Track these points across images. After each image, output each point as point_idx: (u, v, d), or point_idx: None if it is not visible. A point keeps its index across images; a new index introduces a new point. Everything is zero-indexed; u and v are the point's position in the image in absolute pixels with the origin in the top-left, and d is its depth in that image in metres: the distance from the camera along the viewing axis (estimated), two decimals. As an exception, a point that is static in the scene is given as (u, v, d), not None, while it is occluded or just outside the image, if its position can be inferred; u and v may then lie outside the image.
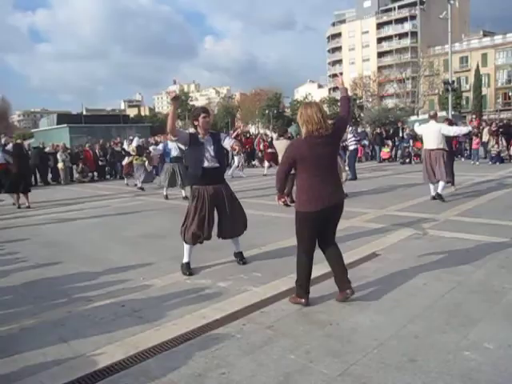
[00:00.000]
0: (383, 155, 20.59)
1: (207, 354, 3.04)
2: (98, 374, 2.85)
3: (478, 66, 59.29)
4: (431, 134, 8.82)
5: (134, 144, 14.35)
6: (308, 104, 3.82)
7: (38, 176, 17.80)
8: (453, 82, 32.09)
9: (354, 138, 13.83)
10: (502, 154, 16.71)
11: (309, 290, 3.82)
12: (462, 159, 18.51)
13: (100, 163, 18.87)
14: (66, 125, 32.78)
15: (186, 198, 10.62)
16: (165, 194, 11.44)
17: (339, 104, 4.17)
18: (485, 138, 17.46)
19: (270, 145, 16.39)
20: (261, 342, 3.16)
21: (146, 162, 14.08)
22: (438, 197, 8.59)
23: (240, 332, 3.35)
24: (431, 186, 8.94)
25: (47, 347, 3.25)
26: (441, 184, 8.66)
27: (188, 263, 4.92)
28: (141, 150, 14.29)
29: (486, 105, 60.11)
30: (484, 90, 59.58)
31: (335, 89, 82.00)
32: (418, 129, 9.56)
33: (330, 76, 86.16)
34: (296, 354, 2.96)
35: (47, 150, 18.71)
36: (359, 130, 21.03)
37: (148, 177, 14.11)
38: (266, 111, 71.78)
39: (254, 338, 3.23)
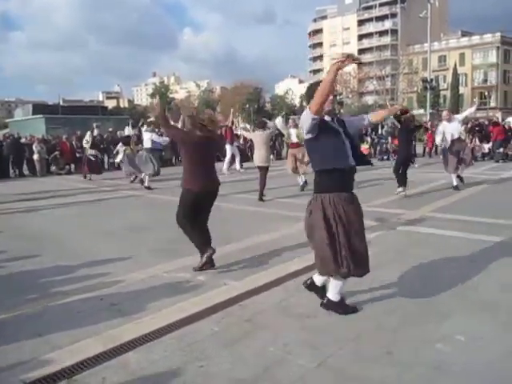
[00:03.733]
0: (362, 151, 20.81)
1: (186, 347, 3.06)
2: (76, 367, 2.84)
3: (455, 66, 60.32)
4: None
5: (126, 133, 14.13)
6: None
7: (12, 167, 17.41)
8: (431, 80, 32.68)
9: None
10: (476, 153, 17.07)
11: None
12: (441, 157, 18.81)
13: (77, 155, 18.55)
14: (41, 115, 32.14)
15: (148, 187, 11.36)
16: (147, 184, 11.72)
17: None
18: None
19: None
20: (239, 335, 3.20)
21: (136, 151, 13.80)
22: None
23: (218, 325, 3.38)
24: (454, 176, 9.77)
25: (24, 341, 3.21)
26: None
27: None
28: (128, 140, 14.10)
29: (462, 104, 61.20)
30: (461, 89, 60.70)
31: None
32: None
33: (310, 71, 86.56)
34: (274, 347, 3.01)
35: (23, 140, 18.31)
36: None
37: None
38: (247, 105, 71.66)
39: (233, 331, 3.26)
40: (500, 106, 59.58)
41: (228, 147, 15.41)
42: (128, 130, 14.22)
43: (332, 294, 3.49)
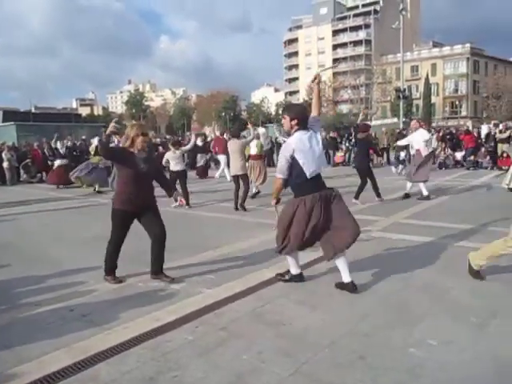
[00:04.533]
0: (337, 159, 21.04)
1: (159, 356, 3.00)
2: (44, 380, 2.75)
3: (427, 75, 61.89)
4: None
5: (95, 143, 13.95)
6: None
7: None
8: (404, 89, 33.37)
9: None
10: (446, 161, 17.46)
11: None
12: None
13: (49, 163, 18.17)
14: (12, 122, 31.37)
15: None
16: None
17: None
18: (434, 144, 18.24)
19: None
20: (214, 344, 3.16)
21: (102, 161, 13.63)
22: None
23: (193, 334, 3.33)
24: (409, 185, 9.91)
25: (-11, 354, 3.10)
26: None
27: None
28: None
29: (434, 112, 62.78)
30: (433, 99, 62.28)
31: (292, 93, 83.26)
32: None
33: (286, 80, 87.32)
34: (248, 355, 2.98)
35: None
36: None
37: (100, 176, 13.62)
38: (223, 113, 71.73)
39: (207, 340, 3.23)
40: (470, 115, 61.33)
41: (221, 157, 15.55)
42: (97, 140, 14.11)
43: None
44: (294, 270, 4.39)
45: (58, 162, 15.30)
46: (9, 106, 73.92)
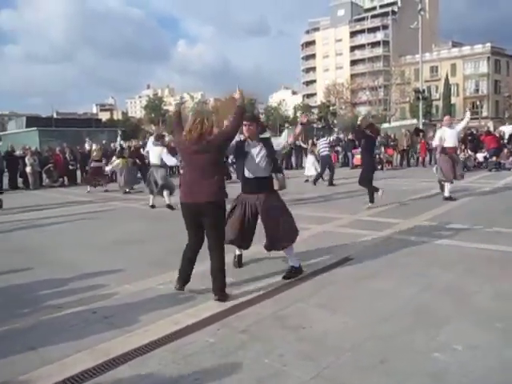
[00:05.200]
0: (356, 161, 20.87)
1: (180, 359, 3.01)
2: (68, 382, 2.78)
3: (447, 76, 61.00)
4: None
5: (117, 145, 14.27)
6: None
7: (5, 180, 17.32)
8: (423, 90, 33.03)
9: (325, 145, 14.23)
10: (467, 162, 17.16)
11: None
12: (434, 168, 18.95)
13: (70, 167, 18.49)
14: (35, 128, 32.05)
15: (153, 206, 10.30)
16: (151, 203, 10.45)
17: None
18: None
19: None
20: (234, 347, 3.16)
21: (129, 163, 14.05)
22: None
23: (214, 337, 3.33)
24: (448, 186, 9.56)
25: (15, 355, 3.16)
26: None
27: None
28: (122, 152, 14.27)
29: (455, 113, 61.77)
30: (453, 99, 61.32)
31: (309, 95, 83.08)
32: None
33: (303, 83, 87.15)
34: (270, 358, 2.97)
35: (17, 153, 18.24)
36: (333, 137, 21.25)
37: (132, 178, 14.18)
38: (241, 117, 71.80)
39: (228, 343, 3.22)
40: (491, 116, 60.19)
41: None
42: (118, 141, 14.36)
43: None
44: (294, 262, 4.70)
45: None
46: (31, 112, 75.55)
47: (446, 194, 9.50)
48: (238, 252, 5.15)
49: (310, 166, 14.74)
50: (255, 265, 5.19)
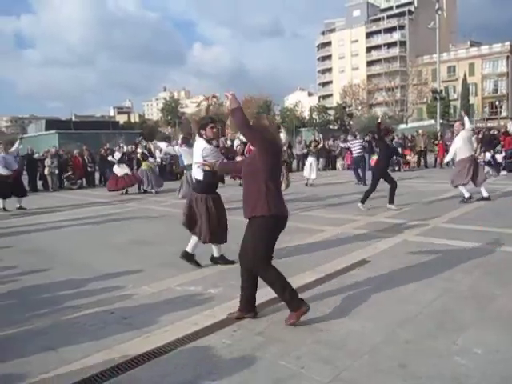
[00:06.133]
0: (372, 162, 20.68)
1: (198, 360, 3.02)
2: (86, 382, 2.81)
3: (465, 76, 60.20)
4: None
5: (139, 150, 14.53)
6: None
7: (24, 182, 17.61)
8: (441, 91, 32.64)
9: (358, 145, 14.28)
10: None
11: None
12: (453, 167, 18.69)
13: (89, 170, 18.74)
14: (54, 131, 32.57)
15: None
16: None
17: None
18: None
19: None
20: (251, 349, 3.15)
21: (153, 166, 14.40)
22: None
23: (231, 338, 3.33)
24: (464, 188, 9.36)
25: (34, 355, 3.20)
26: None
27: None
28: (145, 156, 14.56)
29: (473, 113, 60.91)
30: (471, 99, 60.44)
31: (325, 97, 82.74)
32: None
33: (319, 84, 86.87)
34: (287, 360, 2.96)
35: (36, 156, 18.55)
36: (366, 137, 20.54)
37: (158, 181, 14.59)
38: (256, 118, 71.83)
39: (245, 345, 3.22)
40: (511, 116, 59.14)
41: None
42: (141, 146, 14.64)
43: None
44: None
45: (118, 170, 14.78)
46: (50, 115, 76.81)
47: (466, 194, 9.33)
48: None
49: (308, 167, 14.45)
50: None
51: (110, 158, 15.74)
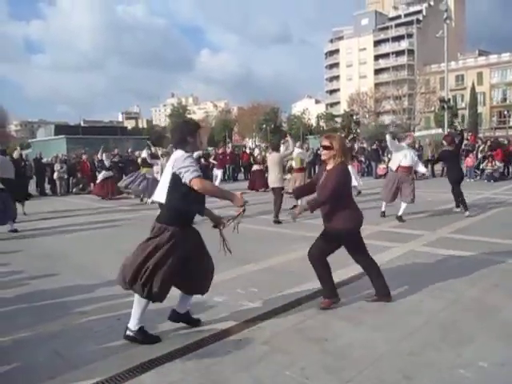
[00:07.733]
0: (379, 171, 20.65)
1: (203, 369, 3.04)
2: (93, 387, 2.84)
3: (473, 85, 60.04)
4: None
5: (143, 155, 14.50)
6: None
7: (32, 186, 17.77)
8: (448, 99, 32.53)
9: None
10: (494, 173, 16.77)
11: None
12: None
13: (97, 174, 18.84)
14: (63, 136, 32.81)
15: None
16: None
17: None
18: (479, 155, 17.79)
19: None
20: (256, 358, 3.16)
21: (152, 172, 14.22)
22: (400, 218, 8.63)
23: (236, 347, 3.35)
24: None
25: (41, 360, 3.24)
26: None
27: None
28: (146, 162, 14.51)
29: (481, 123, 60.69)
30: (479, 108, 60.29)
31: (333, 104, 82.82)
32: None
33: (327, 92, 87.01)
34: (291, 371, 2.97)
35: (44, 160, 18.72)
36: (357, 145, 20.97)
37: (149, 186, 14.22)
38: (264, 125, 72.12)
39: (250, 354, 3.23)
40: (520, 125, 58.84)
41: (219, 172, 18.44)
42: (145, 153, 14.66)
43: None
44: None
45: (102, 175, 15.53)
46: (59, 120, 77.48)
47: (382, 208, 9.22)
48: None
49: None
50: (275, 275, 5.19)
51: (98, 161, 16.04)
